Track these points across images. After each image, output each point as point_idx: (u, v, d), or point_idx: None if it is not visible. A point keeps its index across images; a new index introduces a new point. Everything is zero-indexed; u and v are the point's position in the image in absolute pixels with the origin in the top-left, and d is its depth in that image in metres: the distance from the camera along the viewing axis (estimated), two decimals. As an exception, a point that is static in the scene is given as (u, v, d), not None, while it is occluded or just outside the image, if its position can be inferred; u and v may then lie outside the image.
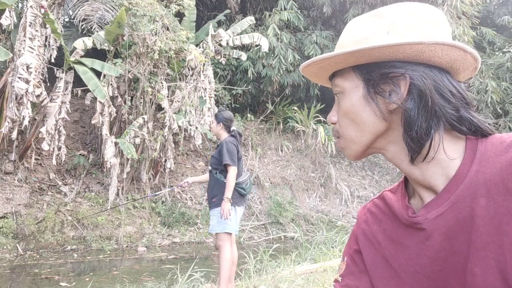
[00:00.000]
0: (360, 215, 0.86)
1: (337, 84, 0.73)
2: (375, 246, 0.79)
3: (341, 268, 0.85)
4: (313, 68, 0.74)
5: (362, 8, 10.27)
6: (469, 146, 0.68)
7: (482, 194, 0.63)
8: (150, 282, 4.88)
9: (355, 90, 0.71)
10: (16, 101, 6.81)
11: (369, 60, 0.68)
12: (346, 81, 0.72)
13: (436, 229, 0.67)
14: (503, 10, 12.25)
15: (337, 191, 10.37)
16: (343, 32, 0.75)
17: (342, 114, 0.73)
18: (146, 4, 7.32)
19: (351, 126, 0.72)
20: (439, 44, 0.64)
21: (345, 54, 0.68)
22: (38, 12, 6.53)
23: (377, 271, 0.77)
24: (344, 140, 0.74)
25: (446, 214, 0.67)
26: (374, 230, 0.80)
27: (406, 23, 0.67)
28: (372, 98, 0.69)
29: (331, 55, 0.69)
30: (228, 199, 3.76)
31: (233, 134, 4.07)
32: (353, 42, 0.70)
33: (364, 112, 0.70)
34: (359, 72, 0.70)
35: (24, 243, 6.59)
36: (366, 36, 0.69)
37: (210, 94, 8.39)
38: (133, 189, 8.31)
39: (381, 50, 0.66)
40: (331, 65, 0.72)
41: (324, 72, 0.76)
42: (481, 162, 0.66)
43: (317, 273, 4.52)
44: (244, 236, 8.17)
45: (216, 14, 10.80)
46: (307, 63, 0.73)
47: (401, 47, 0.65)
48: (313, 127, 10.77)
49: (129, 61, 7.76)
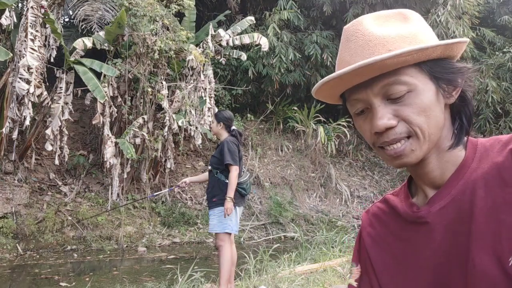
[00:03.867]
0: (364, 219, 0.88)
1: (404, 81, 0.68)
2: (384, 248, 0.81)
3: (354, 273, 0.86)
4: (367, 70, 0.68)
5: (362, 8, 10.26)
6: (470, 145, 0.73)
7: (480, 187, 0.67)
8: (150, 282, 4.88)
9: (427, 86, 0.70)
10: (17, 101, 6.82)
11: (428, 57, 0.69)
12: (413, 78, 0.69)
13: (439, 221, 0.71)
14: (503, 9, 12.24)
15: (337, 191, 10.37)
16: (365, 28, 0.71)
17: (417, 113, 0.69)
18: (146, 4, 7.31)
19: (426, 123, 0.69)
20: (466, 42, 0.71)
21: (420, 50, 0.66)
22: (38, 12, 6.53)
23: (386, 272, 0.79)
24: (416, 142, 0.70)
25: (448, 207, 0.70)
26: (381, 233, 0.82)
27: (427, 26, 0.74)
28: (441, 94, 0.71)
29: (410, 50, 0.65)
30: (230, 199, 3.76)
31: (234, 133, 4.06)
32: (402, 39, 0.69)
33: (437, 107, 0.70)
34: (426, 69, 0.70)
35: (24, 243, 6.59)
36: (413, 33, 0.70)
37: (210, 94, 8.39)
38: (133, 189, 8.31)
39: (441, 48, 0.68)
40: (391, 65, 0.67)
41: (356, 80, 0.70)
42: (480, 159, 0.70)
43: (317, 273, 4.52)
44: (244, 236, 8.16)
45: (216, 14, 10.79)
46: (368, 62, 0.65)
47: (454, 45, 0.69)
48: (313, 127, 10.76)
49: (129, 61, 7.76)
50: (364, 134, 0.76)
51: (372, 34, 0.70)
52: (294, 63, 10.51)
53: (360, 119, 0.75)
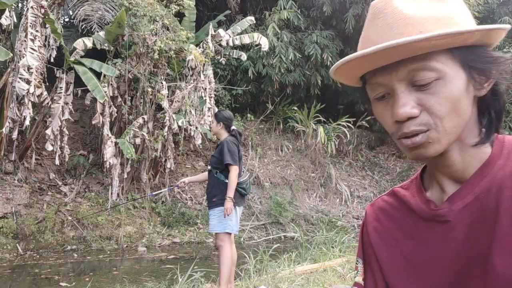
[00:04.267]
0: (369, 213, 0.83)
1: (434, 67, 0.62)
2: (391, 243, 0.76)
3: (359, 270, 0.82)
4: (396, 52, 0.61)
5: (362, 8, 10.26)
6: (497, 141, 0.68)
7: (507, 186, 0.63)
8: (150, 282, 4.88)
9: (457, 75, 0.64)
10: (17, 101, 6.82)
11: (463, 43, 0.63)
12: (443, 65, 0.63)
13: (461, 220, 0.66)
14: (503, 10, 12.23)
15: (337, 191, 10.37)
16: (395, 6, 0.65)
17: (443, 103, 0.63)
18: (146, 4, 7.32)
19: (450, 115, 0.63)
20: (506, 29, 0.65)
21: (456, 34, 0.60)
22: (38, 12, 6.53)
23: (394, 269, 0.75)
24: (436, 133, 0.64)
25: (471, 205, 0.66)
26: (388, 228, 0.78)
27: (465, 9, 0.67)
28: (472, 85, 0.65)
29: (445, 33, 0.59)
30: (230, 199, 3.76)
31: (234, 133, 4.06)
32: (436, 20, 0.63)
33: (465, 99, 0.64)
34: (459, 56, 0.63)
35: (24, 243, 6.59)
36: (448, 14, 0.64)
37: (210, 94, 8.39)
38: (133, 189, 8.31)
39: (479, 34, 0.62)
40: (422, 49, 0.61)
41: (383, 61, 0.64)
42: (508, 157, 0.66)
43: (317, 273, 4.52)
44: (244, 236, 8.17)
45: (216, 14, 10.79)
46: (399, 42, 0.59)
47: (494, 32, 0.63)
48: (313, 127, 10.77)
49: (129, 61, 7.76)
50: (384, 122, 0.69)
51: (402, 12, 0.64)
52: (294, 63, 10.51)
53: (380, 105, 0.69)
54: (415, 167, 11.75)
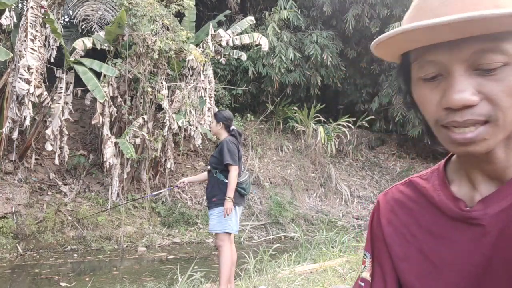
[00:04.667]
0: (382, 203, 0.75)
1: (505, 50, 0.53)
2: (407, 238, 0.69)
3: (366, 265, 0.76)
4: (460, 27, 0.52)
5: (362, 8, 10.27)
6: None
7: None
8: (150, 282, 4.88)
9: None
10: (17, 101, 6.82)
11: None
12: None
13: (496, 225, 0.59)
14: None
15: (337, 191, 10.37)
16: None
17: (509, 93, 0.54)
18: (146, 4, 7.32)
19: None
20: None
21: None
22: (38, 12, 6.53)
23: (411, 266, 0.69)
24: (492, 129, 0.55)
25: (509, 210, 0.59)
26: (405, 221, 0.70)
27: None
28: None
29: None
30: (230, 199, 3.76)
31: (233, 133, 4.06)
32: None
33: None
34: None
35: (24, 243, 6.59)
36: None
37: (210, 94, 8.39)
38: (133, 189, 8.31)
39: None
40: (500, 26, 0.52)
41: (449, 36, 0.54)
42: None
43: (317, 273, 4.52)
44: (244, 236, 8.16)
45: (216, 14, 10.79)
46: (484, 15, 0.49)
47: None
48: (313, 127, 10.77)
49: (129, 61, 7.76)
50: (425, 106, 0.60)
51: None
52: (294, 63, 10.51)
53: (426, 87, 0.59)
54: (415, 167, 11.76)
